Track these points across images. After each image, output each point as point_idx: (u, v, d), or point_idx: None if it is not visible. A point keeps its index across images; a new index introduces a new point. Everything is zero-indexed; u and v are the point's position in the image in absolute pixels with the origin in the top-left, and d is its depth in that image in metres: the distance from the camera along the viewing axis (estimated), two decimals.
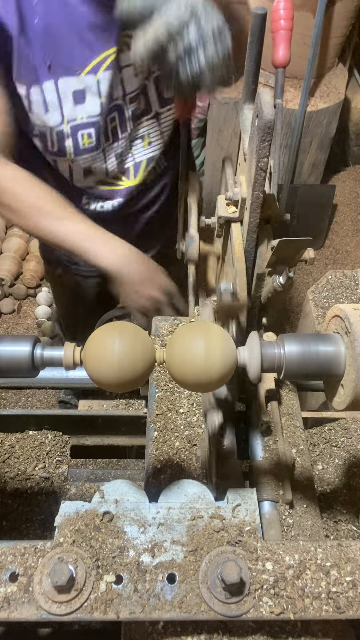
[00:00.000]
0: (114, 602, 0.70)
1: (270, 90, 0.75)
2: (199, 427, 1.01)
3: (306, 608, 0.70)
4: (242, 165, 0.97)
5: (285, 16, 1.33)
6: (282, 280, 0.87)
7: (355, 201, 3.49)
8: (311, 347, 0.70)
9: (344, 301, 1.32)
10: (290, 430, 1.03)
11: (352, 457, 1.12)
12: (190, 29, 0.83)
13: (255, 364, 0.69)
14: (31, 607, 0.69)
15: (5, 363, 0.71)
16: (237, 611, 0.70)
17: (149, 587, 0.71)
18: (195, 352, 0.66)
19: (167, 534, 0.76)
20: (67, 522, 0.77)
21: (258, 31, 0.87)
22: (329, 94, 2.83)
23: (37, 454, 1.11)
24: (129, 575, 0.72)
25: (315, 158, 3.01)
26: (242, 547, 0.74)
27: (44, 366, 0.73)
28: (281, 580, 0.72)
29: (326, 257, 3.21)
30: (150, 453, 0.98)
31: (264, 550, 0.74)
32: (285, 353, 0.70)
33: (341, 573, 0.73)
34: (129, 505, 0.79)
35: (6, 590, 0.70)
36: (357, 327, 0.66)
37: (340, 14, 2.59)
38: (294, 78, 2.75)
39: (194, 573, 0.73)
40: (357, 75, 3.25)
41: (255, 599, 0.70)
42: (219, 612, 0.70)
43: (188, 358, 0.67)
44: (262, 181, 0.80)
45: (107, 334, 0.67)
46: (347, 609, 0.70)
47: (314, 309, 1.30)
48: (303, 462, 0.99)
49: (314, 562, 0.74)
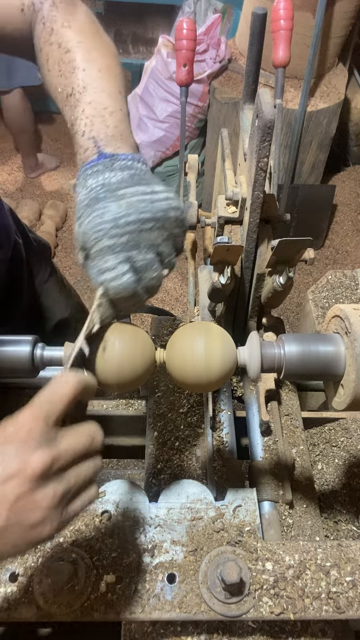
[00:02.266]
0: (114, 602, 0.70)
1: (270, 90, 0.75)
2: (199, 427, 1.01)
3: (306, 608, 0.70)
4: (242, 165, 0.97)
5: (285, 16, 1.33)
6: (282, 280, 0.87)
7: (355, 201, 3.49)
8: (311, 347, 0.70)
9: (344, 301, 1.32)
10: (290, 430, 1.03)
11: (352, 457, 1.12)
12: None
13: (255, 364, 0.69)
14: (31, 607, 0.69)
15: (5, 364, 0.71)
16: (237, 611, 0.70)
17: (149, 587, 0.71)
18: (195, 353, 0.66)
19: (167, 534, 0.77)
20: None
21: (258, 31, 0.87)
22: (329, 94, 2.83)
23: None
24: (129, 575, 0.72)
25: (315, 158, 3.01)
26: (242, 547, 0.74)
27: (44, 366, 0.73)
28: (281, 580, 0.72)
29: (326, 257, 3.21)
30: (150, 453, 0.98)
31: (264, 550, 0.74)
32: (285, 353, 0.70)
33: (341, 573, 0.73)
34: (129, 505, 0.79)
35: (6, 590, 0.70)
36: (357, 327, 0.66)
37: (340, 14, 2.59)
38: (294, 78, 2.75)
39: (194, 573, 0.73)
40: (357, 75, 3.25)
41: (255, 599, 0.70)
42: (219, 612, 0.70)
43: (188, 358, 0.67)
44: (262, 181, 0.80)
45: (107, 334, 0.67)
46: (347, 609, 0.70)
47: (314, 309, 1.30)
48: (303, 462, 0.99)
49: (314, 562, 0.74)
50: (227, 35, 3.07)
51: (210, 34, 2.81)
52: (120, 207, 0.62)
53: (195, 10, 3.18)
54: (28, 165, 3.54)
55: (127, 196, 0.63)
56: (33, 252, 1.30)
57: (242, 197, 0.92)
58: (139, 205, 0.63)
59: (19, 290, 1.23)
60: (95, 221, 0.63)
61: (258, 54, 0.92)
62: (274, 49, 1.38)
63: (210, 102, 2.90)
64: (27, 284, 1.27)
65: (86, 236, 0.64)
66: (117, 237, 0.62)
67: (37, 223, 3.22)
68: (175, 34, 1.34)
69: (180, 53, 1.35)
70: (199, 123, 3.07)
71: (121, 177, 0.65)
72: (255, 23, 0.89)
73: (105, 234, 0.62)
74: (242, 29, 2.89)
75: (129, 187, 0.64)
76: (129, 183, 0.65)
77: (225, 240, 0.81)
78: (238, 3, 2.92)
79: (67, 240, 3.24)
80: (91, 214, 0.64)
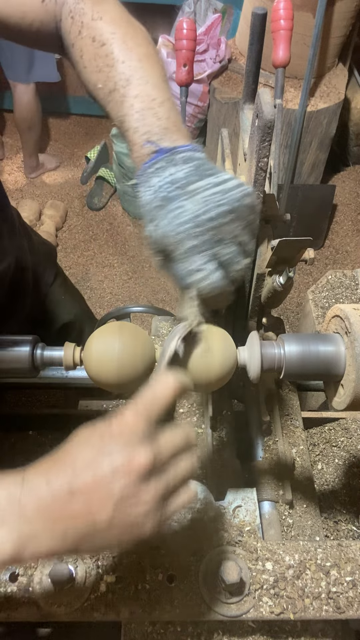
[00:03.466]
0: (114, 602, 0.70)
1: (270, 90, 0.75)
2: (199, 427, 1.01)
3: (306, 608, 0.70)
4: (242, 165, 0.97)
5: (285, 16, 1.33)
6: (282, 280, 0.87)
7: (355, 201, 3.49)
8: (311, 347, 0.70)
9: (344, 301, 1.32)
10: (290, 430, 1.03)
11: (352, 457, 1.12)
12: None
13: (255, 364, 0.69)
14: (31, 607, 0.69)
15: (5, 364, 0.71)
16: (237, 611, 0.70)
17: (149, 587, 0.71)
18: (195, 352, 0.66)
19: (166, 534, 0.76)
20: None
21: (258, 31, 0.87)
22: (329, 94, 2.83)
23: (37, 454, 1.11)
24: (129, 575, 0.72)
25: (315, 158, 3.01)
26: (242, 547, 0.74)
27: (44, 366, 0.73)
28: (281, 580, 0.72)
29: (326, 257, 3.21)
30: None
31: (264, 550, 0.74)
32: (285, 353, 0.70)
33: (341, 573, 0.73)
34: None
35: (6, 590, 0.70)
36: (357, 327, 0.66)
37: (340, 14, 2.59)
38: (294, 78, 2.75)
39: (194, 573, 0.73)
40: (357, 75, 3.25)
41: (255, 599, 0.70)
42: (219, 612, 0.70)
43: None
44: (262, 181, 0.80)
45: (107, 334, 0.67)
46: (347, 609, 0.70)
47: (314, 309, 1.30)
48: (303, 462, 0.99)
49: (314, 562, 0.73)
50: (227, 35, 3.07)
51: (210, 34, 2.81)
52: (197, 204, 0.60)
53: (195, 10, 3.18)
54: (29, 165, 3.53)
55: (199, 191, 0.61)
56: (37, 255, 1.29)
57: None
58: (215, 198, 0.61)
59: (23, 293, 1.23)
60: (175, 222, 0.61)
61: (258, 54, 0.92)
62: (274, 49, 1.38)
63: (210, 102, 2.90)
64: (32, 287, 1.26)
65: (166, 239, 0.61)
66: (200, 236, 0.61)
67: (37, 223, 3.22)
68: (175, 34, 1.34)
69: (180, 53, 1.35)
70: (199, 123, 3.07)
71: (188, 172, 0.63)
72: (255, 23, 0.89)
73: (188, 235, 0.60)
74: (242, 29, 2.89)
75: (199, 180, 0.62)
76: (197, 176, 0.62)
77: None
78: (238, 3, 2.92)
79: (67, 240, 3.24)
80: (167, 215, 0.61)
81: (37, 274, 1.29)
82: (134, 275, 3.07)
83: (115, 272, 3.09)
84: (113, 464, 0.52)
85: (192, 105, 2.88)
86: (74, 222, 3.34)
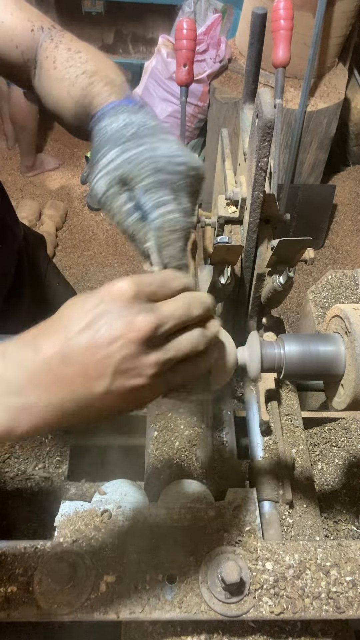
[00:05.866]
0: (114, 602, 0.70)
1: (270, 90, 0.75)
2: (199, 427, 1.01)
3: (306, 608, 0.70)
4: (242, 165, 0.97)
5: (285, 16, 1.33)
6: (282, 280, 0.87)
7: (355, 201, 3.49)
8: (311, 347, 0.70)
9: (344, 301, 1.32)
10: (290, 430, 1.03)
11: (352, 457, 1.12)
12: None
13: (255, 363, 0.69)
14: (31, 607, 0.69)
15: None
16: (237, 611, 0.70)
17: (149, 587, 0.71)
18: None
19: (167, 534, 0.76)
20: (67, 521, 0.77)
21: (258, 31, 0.87)
22: (329, 94, 2.83)
23: (37, 454, 1.10)
24: (129, 576, 0.72)
25: (315, 158, 3.01)
26: (242, 547, 0.74)
27: None
28: (281, 580, 0.72)
29: (326, 257, 3.21)
30: (150, 453, 0.98)
31: (264, 550, 0.74)
32: (285, 353, 0.70)
33: (341, 573, 0.73)
34: (129, 505, 0.79)
35: (6, 590, 0.70)
36: (357, 327, 0.66)
37: (340, 14, 2.59)
38: (294, 78, 2.75)
39: (194, 573, 0.73)
40: (357, 75, 3.25)
41: (255, 598, 0.70)
42: (219, 612, 0.70)
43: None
44: (262, 181, 0.80)
45: None
46: (347, 609, 0.70)
47: (314, 309, 1.30)
48: (303, 462, 0.99)
49: (314, 562, 0.74)
50: (227, 35, 3.07)
51: (210, 33, 2.81)
52: (171, 148, 0.64)
53: (195, 10, 3.18)
54: (25, 164, 3.53)
55: (170, 141, 0.65)
56: (31, 244, 1.32)
57: (242, 197, 0.92)
58: (185, 150, 0.65)
59: (24, 283, 1.26)
60: (147, 154, 0.63)
61: (258, 54, 0.92)
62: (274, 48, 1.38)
63: (210, 102, 2.90)
64: (29, 276, 1.29)
65: (138, 167, 0.63)
66: (171, 175, 0.63)
67: (37, 223, 3.22)
68: (175, 33, 1.35)
69: (180, 53, 1.36)
70: (199, 123, 3.07)
71: (156, 124, 0.66)
72: (255, 23, 0.89)
73: (161, 169, 0.63)
74: (242, 29, 2.89)
75: (168, 134, 0.66)
76: (165, 131, 0.66)
77: (225, 240, 0.81)
78: (238, 3, 2.92)
79: (67, 240, 3.24)
80: (141, 145, 0.63)
81: (32, 262, 1.33)
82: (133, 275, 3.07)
83: (115, 272, 3.09)
84: (112, 329, 0.48)
85: (192, 105, 2.88)
86: (74, 222, 3.34)
